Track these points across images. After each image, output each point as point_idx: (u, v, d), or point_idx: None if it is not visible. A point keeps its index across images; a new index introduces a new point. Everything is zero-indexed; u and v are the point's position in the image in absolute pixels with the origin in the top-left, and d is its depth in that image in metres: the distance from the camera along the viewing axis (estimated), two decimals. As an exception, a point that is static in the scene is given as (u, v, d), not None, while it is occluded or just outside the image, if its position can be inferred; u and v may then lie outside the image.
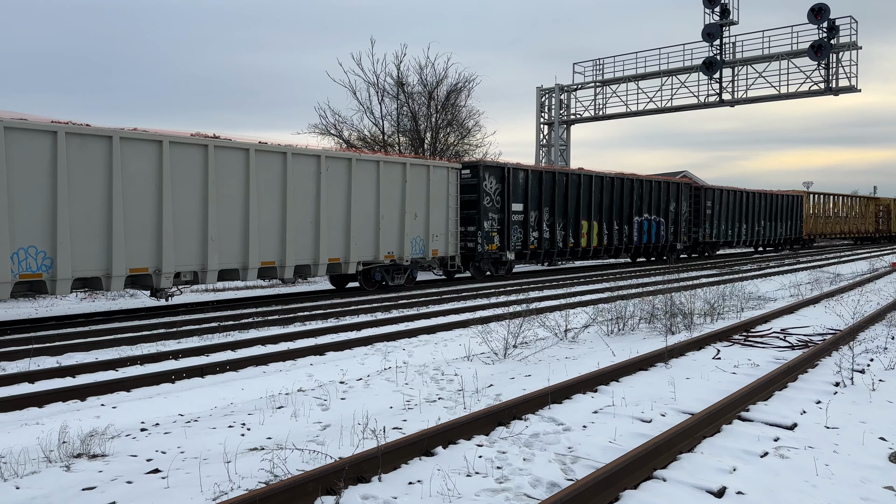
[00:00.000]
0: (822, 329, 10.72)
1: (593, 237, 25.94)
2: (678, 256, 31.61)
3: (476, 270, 21.66)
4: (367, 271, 17.82)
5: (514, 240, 22.22)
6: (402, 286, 18.75)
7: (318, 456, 5.01)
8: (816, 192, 46.64)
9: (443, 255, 19.52)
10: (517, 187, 22.27)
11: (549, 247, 23.81)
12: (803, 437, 5.49)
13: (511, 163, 22.42)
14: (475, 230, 21.09)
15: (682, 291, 15.46)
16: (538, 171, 23.35)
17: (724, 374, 7.74)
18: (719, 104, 32.20)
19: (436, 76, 33.16)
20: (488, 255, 21.36)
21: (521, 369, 8.32)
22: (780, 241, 41.49)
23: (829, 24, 28.70)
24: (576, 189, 24.99)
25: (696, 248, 33.57)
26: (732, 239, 35.66)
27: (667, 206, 29.83)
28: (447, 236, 19.70)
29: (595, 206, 25.95)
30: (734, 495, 4.33)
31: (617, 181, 27.04)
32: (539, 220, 23.24)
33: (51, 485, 4.67)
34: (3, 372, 8.72)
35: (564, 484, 4.49)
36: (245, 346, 10.42)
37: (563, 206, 24.44)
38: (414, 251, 18.63)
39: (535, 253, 23.38)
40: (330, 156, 16.68)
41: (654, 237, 29.15)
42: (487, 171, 21.35)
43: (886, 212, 57.98)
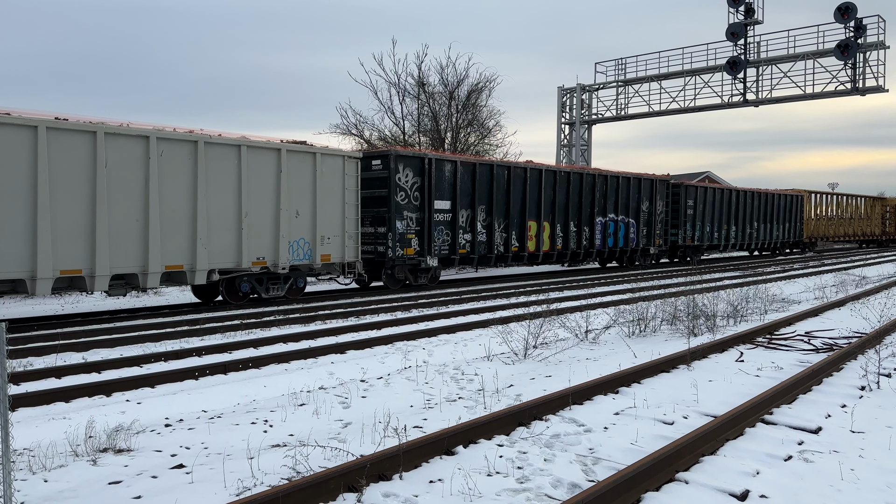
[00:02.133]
0: (848, 332, 10.58)
1: (544, 240, 22.70)
2: (652, 261, 28.48)
3: (389, 279, 18.42)
4: (232, 281, 14.78)
5: (439, 243, 19.12)
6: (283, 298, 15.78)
7: (340, 453, 5.05)
8: (818, 191, 43.71)
9: (337, 261, 16.35)
10: (442, 181, 19.15)
11: (486, 251, 20.69)
12: (828, 441, 5.43)
13: (433, 153, 19.60)
14: (386, 231, 17.98)
15: (705, 293, 15.34)
16: (470, 164, 20.12)
17: (748, 376, 7.67)
18: (743, 104, 31.87)
19: (457, 76, 33.23)
20: (403, 260, 18.27)
21: (542, 370, 8.31)
22: (776, 244, 38.24)
23: (856, 24, 28.29)
24: (521, 185, 21.71)
25: (674, 252, 30.85)
26: (720, 242, 32.51)
27: (638, 204, 26.64)
28: (343, 238, 16.38)
29: (547, 204, 22.68)
30: (757, 499, 4.29)
31: (575, 176, 23.83)
32: (472, 221, 20.10)
33: (78, 478, 4.75)
34: (31, 367, 8.88)
35: (585, 485, 4.48)
36: (267, 344, 10.51)
37: (503, 204, 21.19)
38: (295, 256, 15.45)
39: (467, 258, 20.27)
40: (164, 137, 13.17)
41: (621, 240, 26.01)
42: (401, 161, 18.14)
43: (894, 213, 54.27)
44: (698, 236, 30.79)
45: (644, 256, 27.75)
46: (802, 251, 42.00)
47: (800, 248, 41.72)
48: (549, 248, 22.94)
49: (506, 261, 21.50)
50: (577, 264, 26.23)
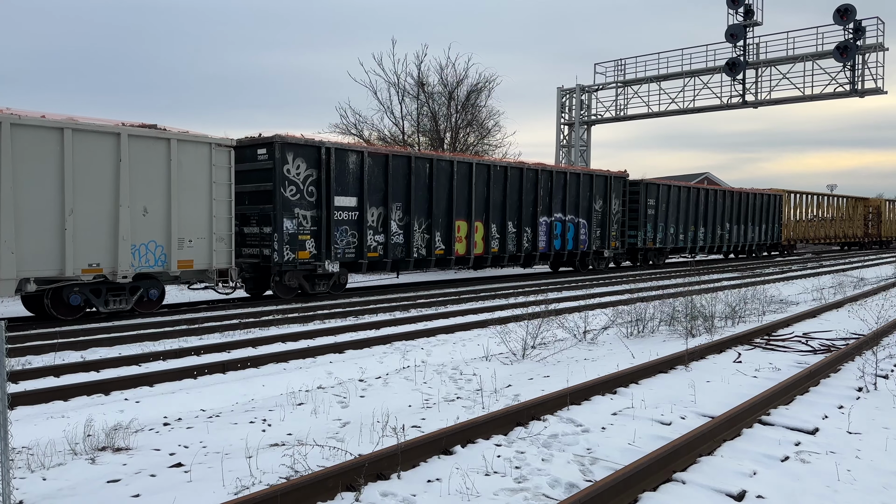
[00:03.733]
0: (846, 333, 10.60)
1: (476, 242, 20.44)
2: (608, 265, 26.21)
3: (280, 287, 16.10)
4: (58, 292, 12.40)
5: (342, 245, 16.83)
6: (130, 312, 13.41)
7: (339, 452, 5.06)
8: (798, 191, 41.48)
9: (203, 267, 13.93)
10: (345, 175, 16.84)
11: (403, 254, 18.41)
12: (825, 442, 5.44)
13: (331, 141, 16.91)
14: (271, 232, 15.64)
15: (703, 294, 15.36)
16: (381, 155, 17.78)
17: (745, 377, 7.68)
18: (742, 105, 31.90)
19: (456, 76, 33.22)
20: (295, 265, 15.96)
21: (540, 370, 8.32)
22: (752, 247, 35.87)
23: (855, 25, 28.32)
24: (447, 180, 19.38)
25: (634, 255, 28.40)
26: (685, 245, 30.17)
27: (589, 203, 24.46)
28: (211, 241, 13.96)
29: (480, 202, 20.43)
30: (754, 499, 4.31)
31: (513, 171, 21.54)
32: (385, 220, 17.82)
33: (77, 477, 4.76)
34: (30, 366, 8.88)
35: (583, 485, 4.50)
36: (265, 344, 10.52)
37: (425, 201, 18.87)
38: (143, 263, 13.03)
39: (379, 262, 17.95)
40: None
41: (570, 242, 23.84)
42: (290, 151, 15.79)
43: (876, 214, 51.81)
44: (661, 238, 28.53)
45: (598, 260, 25.52)
46: (782, 254, 39.93)
47: (778, 250, 39.82)
48: (483, 251, 20.72)
49: (428, 265, 19.35)
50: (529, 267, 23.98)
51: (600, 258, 25.54)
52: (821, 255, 41.52)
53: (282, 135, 15.57)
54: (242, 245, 16.07)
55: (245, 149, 15.86)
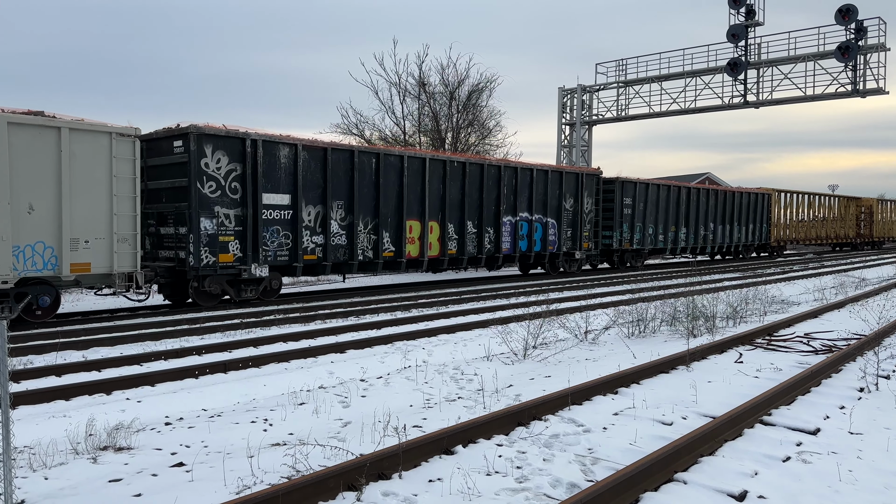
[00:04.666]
0: (847, 334, 10.60)
1: (431, 243, 18.93)
2: (580, 267, 24.77)
3: (199, 294, 14.55)
4: None
5: (273, 247, 15.36)
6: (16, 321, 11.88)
7: (340, 452, 5.06)
8: (788, 190, 39.62)
9: (104, 271, 12.56)
10: (276, 170, 15.41)
11: (346, 256, 16.93)
12: (826, 442, 5.44)
13: (259, 132, 15.18)
14: (187, 233, 14.22)
15: (704, 294, 15.36)
16: (318, 149, 16.24)
17: (747, 377, 7.68)
18: (744, 106, 31.87)
19: (457, 76, 33.27)
20: (215, 270, 14.47)
21: (541, 370, 8.33)
22: (739, 248, 34.46)
23: (856, 26, 28.28)
24: (396, 176, 17.91)
25: (610, 257, 26.90)
26: (665, 246, 28.61)
27: (559, 202, 23.02)
28: (112, 242, 12.61)
29: (435, 200, 18.93)
30: (755, 499, 4.31)
31: (472, 167, 20.04)
32: (324, 219, 16.36)
33: (78, 476, 4.77)
34: (32, 365, 8.89)
35: (584, 485, 4.50)
36: (267, 343, 10.53)
37: (371, 199, 17.36)
38: (29, 266, 11.71)
39: (317, 265, 16.49)
40: None
41: (538, 243, 22.44)
42: (209, 142, 14.25)
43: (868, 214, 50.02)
44: (638, 239, 27.07)
45: (569, 262, 24.16)
46: (771, 255, 38.42)
47: (767, 251, 38.26)
48: (439, 253, 19.21)
49: (375, 268, 17.70)
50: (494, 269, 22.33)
51: (572, 260, 24.22)
52: (806, 256, 40.98)
53: (198, 125, 14.10)
54: (160, 247, 14.79)
55: (161, 141, 14.59)
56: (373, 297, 16.85)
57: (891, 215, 53.74)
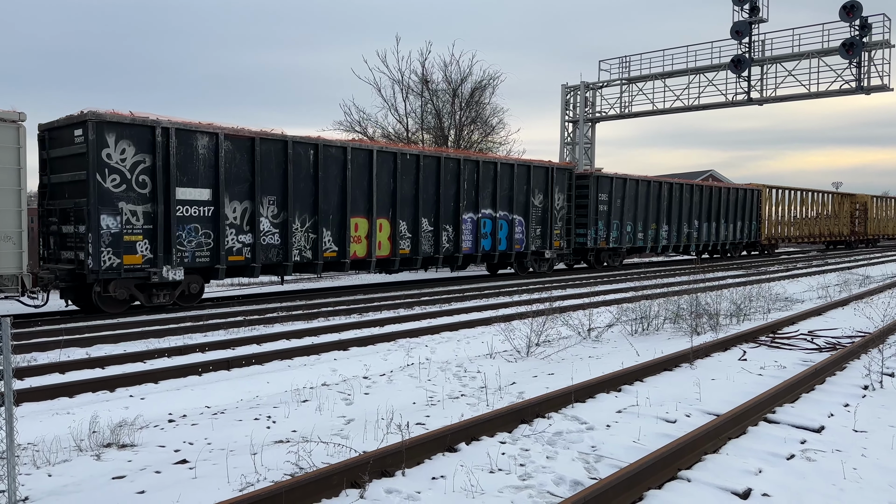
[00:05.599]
0: (851, 331, 10.57)
1: (381, 242, 17.55)
2: (551, 268, 23.34)
3: (103, 300, 13.07)
4: None
5: (191, 247, 13.93)
6: None
7: (343, 449, 5.06)
8: (779, 186, 38.18)
9: None
10: (193, 162, 13.90)
11: (279, 257, 15.47)
12: (830, 440, 5.43)
13: (172, 120, 13.65)
14: (85, 231, 12.72)
15: (708, 292, 15.34)
16: (244, 139, 14.67)
17: (751, 375, 7.66)
18: (747, 103, 31.79)
19: (460, 73, 33.21)
20: (119, 273, 12.95)
21: (544, 367, 8.32)
22: (726, 246, 33.04)
23: (861, 22, 28.18)
24: (339, 170, 16.44)
25: (584, 256, 25.54)
26: (645, 244, 27.25)
27: (527, 198, 21.66)
28: None
29: (384, 196, 17.57)
30: (760, 497, 4.29)
31: (428, 160, 18.62)
32: (252, 217, 14.89)
33: (82, 473, 4.77)
34: (35, 362, 8.91)
35: (588, 482, 4.49)
36: (270, 341, 10.53)
37: (310, 195, 15.92)
38: None
39: (245, 267, 15.07)
40: None
41: (504, 242, 21.11)
42: (111, 131, 12.80)
43: (863, 211, 48.24)
44: (615, 237, 25.73)
45: (539, 262, 22.78)
46: (762, 254, 37.13)
47: (758, 250, 36.95)
48: (390, 253, 17.89)
49: (315, 269, 16.30)
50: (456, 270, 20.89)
51: (541, 260, 22.82)
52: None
53: (99, 111, 12.66)
54: (63, 247, 13.37)
55: (63, 130, 13.24)
56: (347, 297, 16.83)
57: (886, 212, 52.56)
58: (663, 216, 28.09)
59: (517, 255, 21.80)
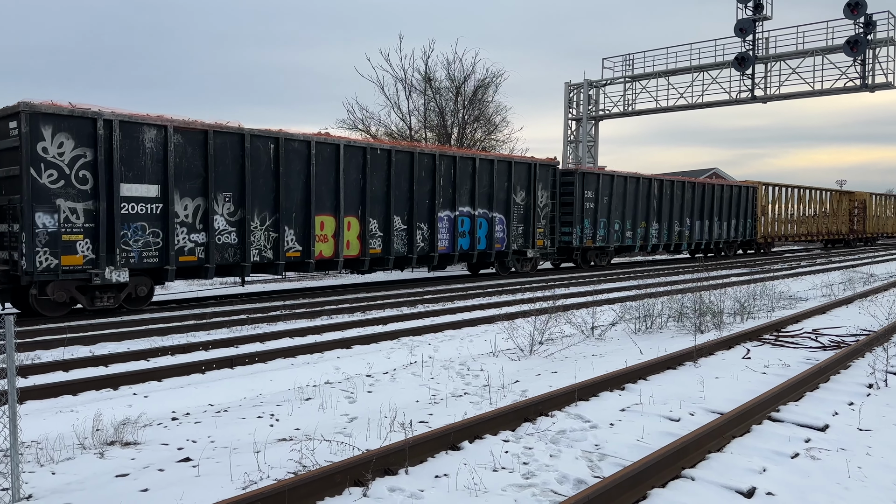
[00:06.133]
0: (856, 330, 10.53)
1: (349, 242, 16.65)
2: (534, 267, 22.52)
3: (41, 303, 12.35)
4: None
5: (137, 247, 13.04)
6: None
7: (346, 448, 5.06)
8: (775, 183, 37.26)
9: None
10: (140, 156, 13.04)
11: (237, 257, 14.55)
12: (835, 438, 5.41)
13: (117, 112, 12.80)
14: (19, 231, 11.93)
15: (712, 290, 15.31)
16: (196, 131, 13.80)
17: (755, 373, 7.64)
18: (751, 101, 31.74)
19: (463, 71, 33.17)
20: (57, 274, 12.15)
21: (548, 366, 8.31)
22: (720, 245, 32.18)
23: (865, 20, 28.11)
24: (303, 165, 15.62)
25: (570, 255, 24.67)
26: (634, 243, 26.43)
27: (508, 196, 20.80)
28: None
29: (352, 193, 16.65)
30: (764, 496, 4.28)
31: (400, 156, 17.72)
32: (206, 215, 14.01)
33: (85, 471, 4.78)
34: (39, 360, 8.92)
35: (591, 481, 4.48)
36: (273, 339, 10.53)
37: (270, 191, 15.06)
38: None
39: (199, 268, 14.19)
40: None
41: (483, 241, 20.20)
42: (50, 124, 12.08)
43: (862, 209, 47.10)
44: (602, 236, 24.91)
45: (521, 261, 21.97)
46: (757, 252, 36.20)
47: (753, 248, 36.12)
48: (359, 253, 17.00)
49: (276, 269, 15.44)
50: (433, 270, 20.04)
51: (524, 259, 21.99)
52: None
53: (33, 102, 11.91)
54: None
55: None
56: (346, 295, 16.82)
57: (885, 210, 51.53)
58: (653, 214, 27.35)
59: (498, 254, 20.93)
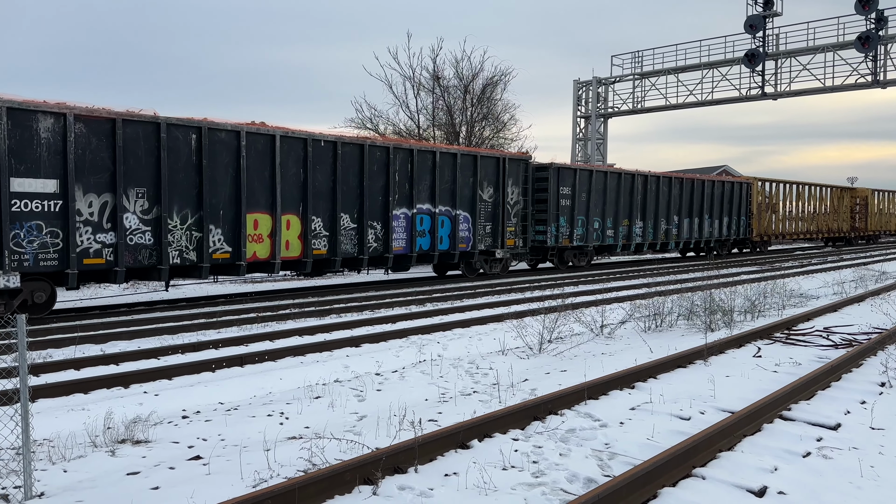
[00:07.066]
0: (867, 328, 10.46)
1: (289, 241, 15.37)
2: (504, 268, 21.15)
3: None
4: None
5: (32, 248, 11.79)
6: None
7: (356, 446, 5.06)
8: (771, 179, 35.72)
9: None
10: (33, 147, 11.77)
11: (153, 259, 13.25)
12: (847, 437, 5.37)
13: (5, 97, 11.49)
14: None
15: (722, 288, 15.23)
16: (102, 120, 12.45)
17: (765, 372, 7.60)
18: (762, 97, 31.56)
19: (471, 69, 33.15)
20: None
21: (557, 364, 8.29)
22: (711, 244, 30.76)
23: (877, 15, 27.88)
24: (232, 158, 14.26)
25: (545, 255, 23.43)
26: (616, 242, 25.12)
27: (474, 192, 19.40)
28: None
29: (290, 189, 15.31)
30: (775, 495, 4.26)
31: (347, 148, 16.30)
32: (114, 212, 12.67)
33: (97, 469, 4.80)
34: (51, 359, 8.97)
35: (601, 480, 4.47)
36: (283, 337, 10.56)
37: (192, 186, 13.74)
38: None
39: (107, 271, 12.81)
40: None
41: (445, 240, 18.75)
42: None
43: (864, 206, 45.21)
44: (580, 234, 23.52)
45: (490, 262, 20.58)
46: (753, 251, 34.87)
47: (748, 247, 34.77)
48: (301, 254, 15.63)
49: (200, 272, 14.04)
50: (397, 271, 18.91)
51: (493, 260, 20.61)
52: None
53: None
54: None
55: None
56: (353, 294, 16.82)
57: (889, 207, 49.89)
58: (637, 211, 25.90)
59: (463, 255, 19.54)
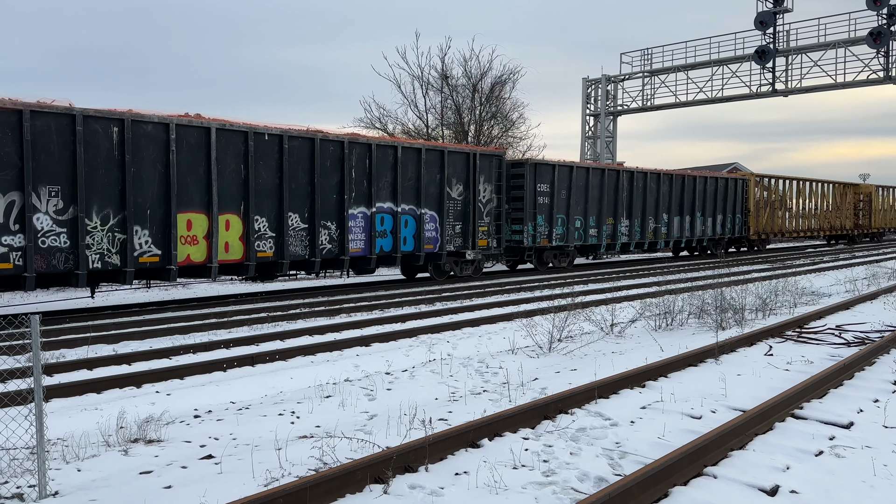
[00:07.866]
0: (881, 326, 10.39)
1: (229, 243, 14.26)
2: (477, 270, 19.98)
3: None
4: None
5: None
6: None
7: (366, 445, 5.08)
8: (770, 175, 34.55)
9: None
10: None
11: (69, 263, 12.27)
12: (860, 436, 5.34)
13: None
14: None
15: (733, 286, 15.16)
16: (8, 112, 11.50)
17: (777, 370, 7.56)
18: (772, 94, 31.36)
19: (480, 68, 33.17)
20: None
21: (567, 363, 8.28)
22: (704, 242, 29.47)
23: (889, 11, 27.63)
24: (161, 154, 13.21)
25: (521, 255, 22.08)
26: (600, 241, 23.92)
27: (441, 189, 18.24)
28: None
29: (230, 187, 14.21)
30: (788, 494, 4.24)
31: (295, 143, 15.21)
32: (21, 213, 11.71)
33: (110, 468, 4.84)
34: (64, 359, 9.05)
35: (612, 479, 4.46)
36: (293, 337, 10.60)
37: (115, 184, 12.72)
38: None
39: (15, 277, 11.89)
40: None
41: (410, 241, 17.71)
42: None
43: (867, 203, 43.56)
44: (560, 234, 22.32)
45: (460, 264, 19.46)
46: (751, 250, 33.69)
47: (745, 246, 33.53)
48: (243, 257, 14.53)
49: (125, 277, 12.98)
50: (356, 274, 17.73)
51: (463, 262, 19.45)
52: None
53: None
54: None
55: None
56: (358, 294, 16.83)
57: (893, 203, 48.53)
58: (622, 209, 24.66)
59: (429, 256, 18.38)
